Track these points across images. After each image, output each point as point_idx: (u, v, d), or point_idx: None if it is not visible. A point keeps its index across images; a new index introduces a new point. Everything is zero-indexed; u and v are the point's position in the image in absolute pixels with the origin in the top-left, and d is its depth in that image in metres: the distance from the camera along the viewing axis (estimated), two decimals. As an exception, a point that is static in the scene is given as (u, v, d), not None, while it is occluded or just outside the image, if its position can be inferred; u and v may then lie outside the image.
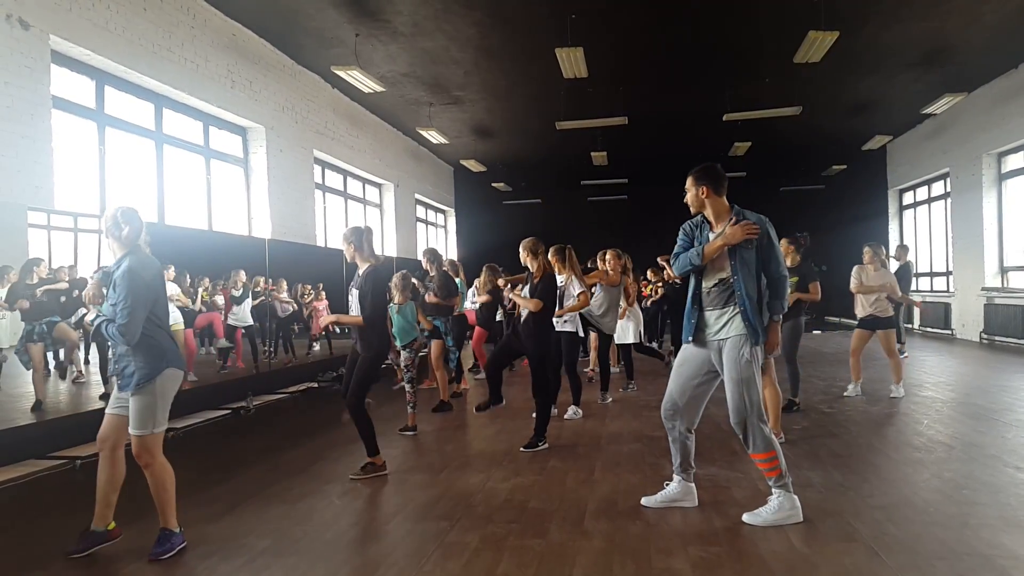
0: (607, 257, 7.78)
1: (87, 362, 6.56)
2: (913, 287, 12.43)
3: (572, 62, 9.85)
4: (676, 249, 3.95)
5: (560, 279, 7.04)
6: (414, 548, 3.54)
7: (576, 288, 6.85)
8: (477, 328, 9.46)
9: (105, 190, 7.66)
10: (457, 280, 8.89)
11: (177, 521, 3.57)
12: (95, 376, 6.60)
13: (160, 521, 3.54)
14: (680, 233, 3.96)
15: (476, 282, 9.55)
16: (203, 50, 8.84)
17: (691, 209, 3.95)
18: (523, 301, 6.88)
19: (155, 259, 3.63)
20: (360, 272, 5.04)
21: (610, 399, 7.67)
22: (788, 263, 6.80)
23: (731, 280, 3.73)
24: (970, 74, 12.44)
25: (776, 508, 3.70)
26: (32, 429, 5.51)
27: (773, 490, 3.74)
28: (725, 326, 3.73)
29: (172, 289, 7.95)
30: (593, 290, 7.40)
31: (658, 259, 10.07)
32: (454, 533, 3.71)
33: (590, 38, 9.71)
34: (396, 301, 6.38)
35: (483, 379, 8.61)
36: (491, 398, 5.85)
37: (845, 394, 7.61)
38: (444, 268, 8.24)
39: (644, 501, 4.06)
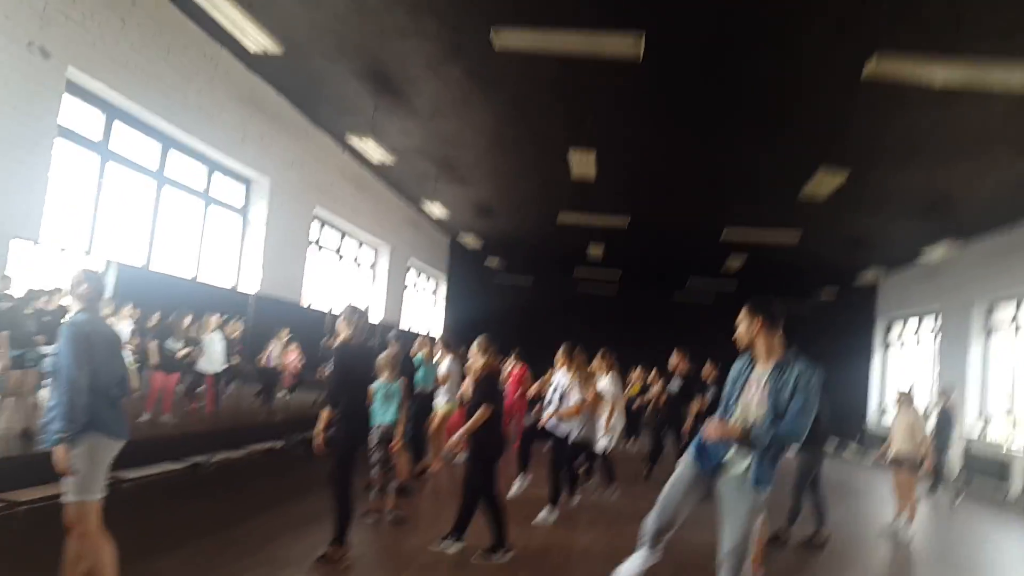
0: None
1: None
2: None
3: (583, 164, 9.94)
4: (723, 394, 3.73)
5: (564, 380, 6.85)
6: None
7: (576, 395, 6.69)
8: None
9: (96, 225, 7.49)
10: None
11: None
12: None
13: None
14: (729, 375, 3.74)
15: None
16: (219, 99, 8.83)
17: (740, 343, 3.72)
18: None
19: (109, 326, 3.59)
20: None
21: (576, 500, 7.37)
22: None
23: (752, 424, 3.51)
24: (969, 225, 12.67)
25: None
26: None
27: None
28: (733, 460, 3.54)
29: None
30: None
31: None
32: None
33: (602, 140, 9.82)
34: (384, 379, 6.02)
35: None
36: (454, 529, 5.27)
37: None
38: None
39: None
